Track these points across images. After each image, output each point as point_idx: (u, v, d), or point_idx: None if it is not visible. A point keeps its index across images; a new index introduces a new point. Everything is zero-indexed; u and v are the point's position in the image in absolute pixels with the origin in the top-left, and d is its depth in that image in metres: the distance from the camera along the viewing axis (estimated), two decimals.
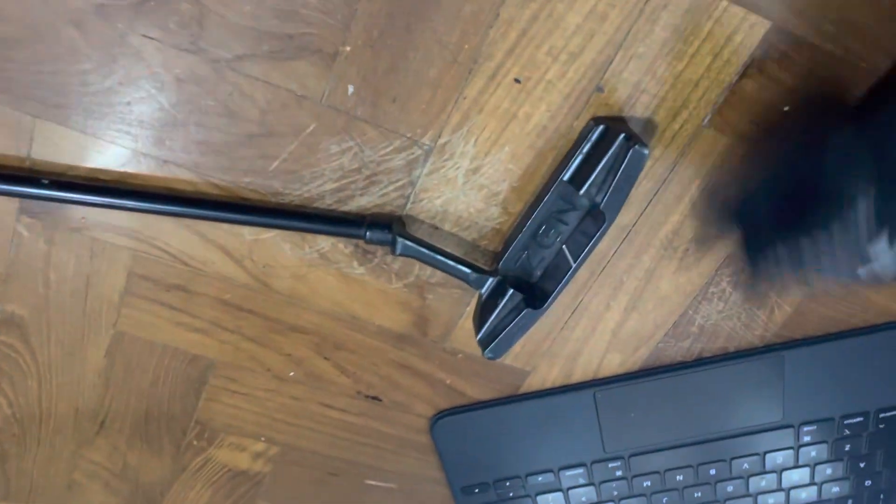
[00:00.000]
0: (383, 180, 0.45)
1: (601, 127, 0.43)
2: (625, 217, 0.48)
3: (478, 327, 0.47)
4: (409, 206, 0.46)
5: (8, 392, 0.52)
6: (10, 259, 0.46)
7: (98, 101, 0.41)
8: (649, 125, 0.45)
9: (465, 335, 0.52)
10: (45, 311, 0.49)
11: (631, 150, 0.41)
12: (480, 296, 0.47)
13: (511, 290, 0.45)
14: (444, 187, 0.46)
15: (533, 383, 0.55)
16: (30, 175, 0.42)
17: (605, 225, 0.43)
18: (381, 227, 0.45)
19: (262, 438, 0.56)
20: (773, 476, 0.61)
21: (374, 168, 0.45)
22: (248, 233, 0.47)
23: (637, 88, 0.43)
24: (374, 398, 0.55)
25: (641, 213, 0.48)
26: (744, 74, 0.43)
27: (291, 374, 0.53)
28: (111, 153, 0.43)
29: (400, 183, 0.46)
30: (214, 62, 0.40)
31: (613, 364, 0.55)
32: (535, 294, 0.45)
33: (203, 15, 0.39)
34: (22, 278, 0.47)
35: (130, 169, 0.43)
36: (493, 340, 0.46)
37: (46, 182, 0.42)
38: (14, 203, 0.44)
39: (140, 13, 0.39)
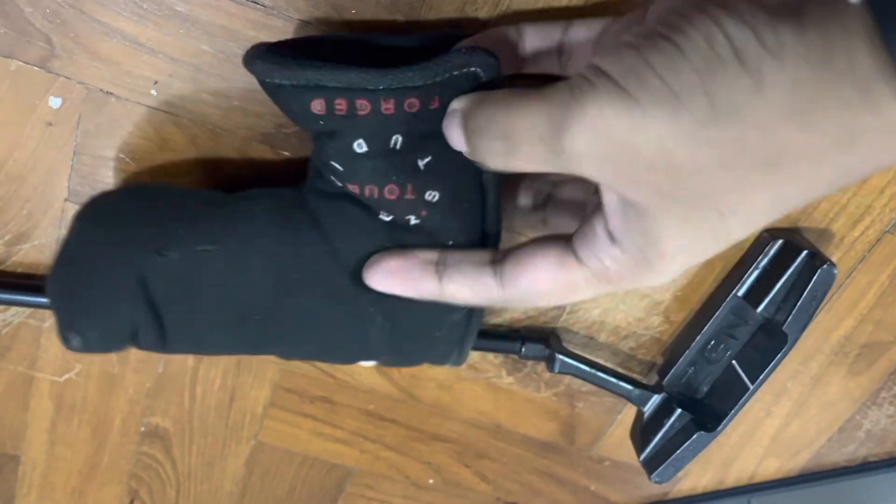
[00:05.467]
0: None
1: (780, 241, 0.40)
2: None
3: (640, 447, 0.44)
4: (564, 316, 0.44)
5: (146, 500, 0.51)
6: (159, 375, 0.46)
7: None
8: (825, 234, 0.42)
9: (614, 443, 0.50)
10: (188, 423, 0.48)
11: (819, 270, 0.38)
12: (642, 413, 0.44)
13: (679, 410, 0.43)
14: (603, 298, 0.44)
15: (682, 489, 0.52)
16: None
17: (787, 346, 0.40)
18: (537, 343, 0.43)
19: None
20: None
21: None
22: None
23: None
24: None
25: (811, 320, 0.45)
26: None
27: (431, 481, 0.51)
28: None
29: None
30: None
31: (770, 469, 0.51)
32: (705, 413, 0.43)
33: None
34: (168, 393, 0.46)
35: None
36: (660, 464, 0.43)
37: None
38: None
39: (304, 140, 0.38)
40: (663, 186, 0.23)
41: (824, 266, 0.38)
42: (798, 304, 0.39)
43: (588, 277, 0.27)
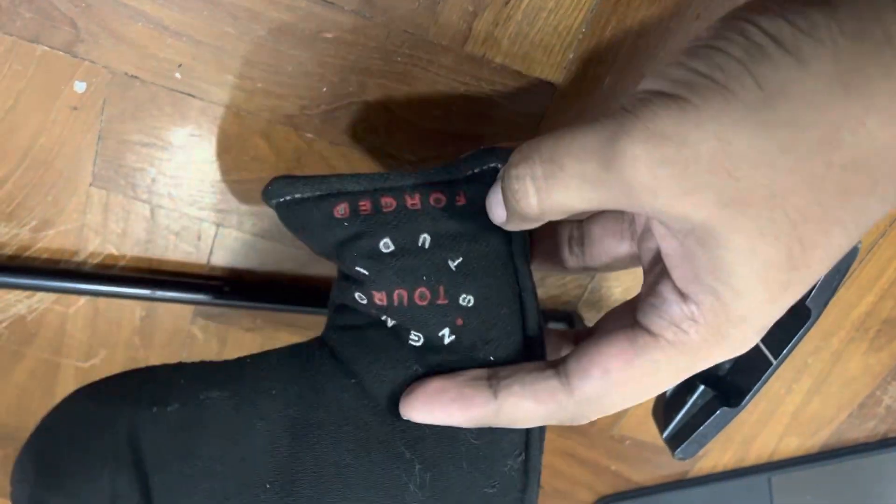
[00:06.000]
0: None
1: None
2: None
3: (663, 425, 0.44)
4: (586, 295, 0.44)
5: None
6: (182, 359, 0.46)
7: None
8: None
9: (635, 422, 0.50)
10: None
11: None
12: (664, 391, 0.45)
13: (701, 387, 0.43)
14: (625, 276, 0.44)
15: (703, 467, 0.53)
16: (210, 283, 0.42)
17: (810, 321, 0.40)
18: (559, 322, 0.43)
19: None
20: None
21: None
22: None
23: None
24: None
25: (834, 294, 0.45)
26: None
27: None
28: (291, 256, 0.42)
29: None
30: (399, 166, 0.39)
31: (790, 447, 0.52)
32: (728, 390, 0.43)
33: (391, 122, 0.38)
34: None
35: (309, 272, 0.43)
36: (683, 441, 0.43)
37: (227, 289, 0.42)
38: (190, 306, 0.44)
39: (328, 122, 0.38)
40: (726, 191, 0.21)
41: None
42: (823, 277, 0.39)
43: (667, 351, 0.25)
